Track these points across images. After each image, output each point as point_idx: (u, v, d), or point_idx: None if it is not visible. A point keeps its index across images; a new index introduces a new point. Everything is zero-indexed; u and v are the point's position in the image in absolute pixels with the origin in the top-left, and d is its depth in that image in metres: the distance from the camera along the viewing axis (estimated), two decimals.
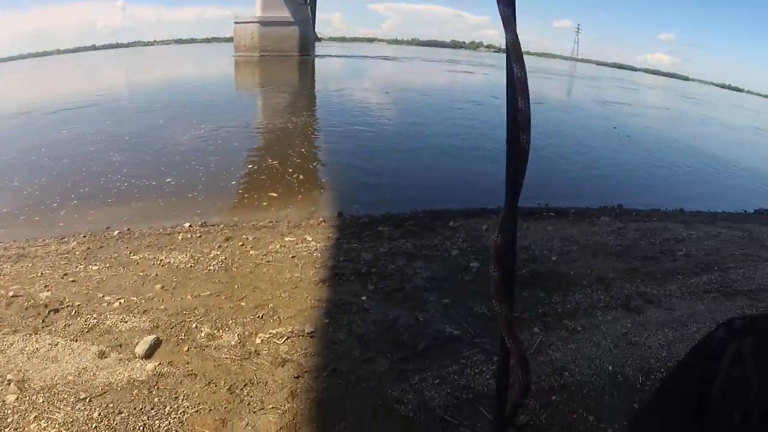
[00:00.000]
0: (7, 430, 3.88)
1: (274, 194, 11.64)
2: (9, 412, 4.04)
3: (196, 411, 4.13)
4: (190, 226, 8.66)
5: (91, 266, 6.85)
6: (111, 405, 4.14)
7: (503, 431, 1.33)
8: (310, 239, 8.04)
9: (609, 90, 58.34)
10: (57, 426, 3.88)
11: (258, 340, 5.19)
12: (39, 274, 6.69)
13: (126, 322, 5.42)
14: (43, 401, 4.16)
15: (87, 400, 4.18)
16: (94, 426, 3.91)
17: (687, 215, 11.77)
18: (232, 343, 5.14)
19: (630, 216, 11.08)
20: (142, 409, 4.11)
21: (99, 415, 4.02)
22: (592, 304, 6.46)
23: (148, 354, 4.85)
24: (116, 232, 8.23)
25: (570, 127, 25.47)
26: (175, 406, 4.17)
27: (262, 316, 5.65)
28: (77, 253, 7.36)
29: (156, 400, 4.23)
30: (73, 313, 5.57)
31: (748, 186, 17.82)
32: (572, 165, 17.36)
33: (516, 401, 1.27)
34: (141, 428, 3.90)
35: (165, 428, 3.91)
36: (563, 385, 4.80)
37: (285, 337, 5.25)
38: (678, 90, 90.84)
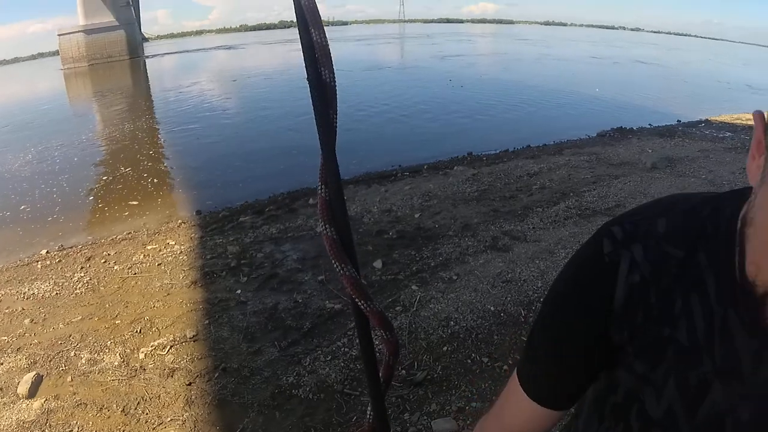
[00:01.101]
0: None
1: (135, 202, 11.25)
2: None
3: None
4: (47, 252, 8.30)
5: None
6: None
7: (383, 401, 1.22)
8: (173, 243, 7.90)
9: (445, 45, 59.39)
10: None
11: (141, 356, 5.11)
12: None
13: (1, 364, 5.21)
14: None
15: None
16: None
17: (535, 150, 12.34)
18: (116, 363, 5.04)
19: (481, 161, 11.48)
20: None
21: None
22: (462, 252, 6.74)
23: (32, 392, 4.70)
24: None
25: (409, 86, 25.96)
26: None
27: (140, 330, 5.55)
28: None
29: None
30: None
31: (588, 112, 18.78)
32: (416, 123, 17.75)
33: (387, 363, 1.17)
34: None
35: None
36: (451, 334, 5.04)
37: (168, 347, 5.21)
38: (509, 34, 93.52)
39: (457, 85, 24.95)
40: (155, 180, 12.93)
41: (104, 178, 13.54)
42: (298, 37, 0.89)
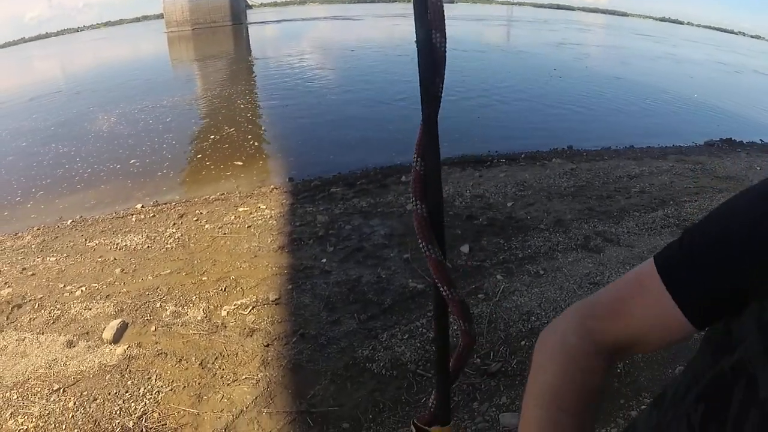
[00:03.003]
0: None
1: (239, 162, 11.67)
2: None
3: (171, 389, 4.15)
4: (142, 206, 8.57)
5: (48, 258, 6.78)
6: (85, 393, 4.15)
7: (448, 391, 1.12)
8: (264, 207, 8.03)
9: (561, 33, 57.92)
10: (34, 420, 3.88)
11: (224, 313, 5.21)
12: None
13: (90, 309, 5.40)
14: (17, 397, 4.16)
15: (61, 390, 4.19)
16: (70, 415, 3.92)
17: (638, 151, 11.81)
18: (198, 318, 5.15)
19: (581, 156, 11.13)
20: (116, 393, 4.13)
21: (74, 404, 4.03)
22: (551, 247, 6.52)
23: (116, 338, 4.85)
24: (69, 221, 8.12)
25: (516, 72, 25.32)
26: (149, 386, 4.20)
27: (225, 289, 5.67)
28: (33, 246, 7.25)
29: (129, 383, 4.25)
30: (36, 307, 5.53)
31: (698, 119, 17.76)
32: (517, 110, 17.25)
33: (459, 354, 1.09)
34: (117, 412, 3.92)
35: (141, 410, 3.93)
36: (531, 329, 4.86)
37: (250, 307, 5.29)
38: (624, 26, 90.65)
39: (557, 76, 23.94)
40: (256, 143, 13.29)
41: (211, 137, 13.98)
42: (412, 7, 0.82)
